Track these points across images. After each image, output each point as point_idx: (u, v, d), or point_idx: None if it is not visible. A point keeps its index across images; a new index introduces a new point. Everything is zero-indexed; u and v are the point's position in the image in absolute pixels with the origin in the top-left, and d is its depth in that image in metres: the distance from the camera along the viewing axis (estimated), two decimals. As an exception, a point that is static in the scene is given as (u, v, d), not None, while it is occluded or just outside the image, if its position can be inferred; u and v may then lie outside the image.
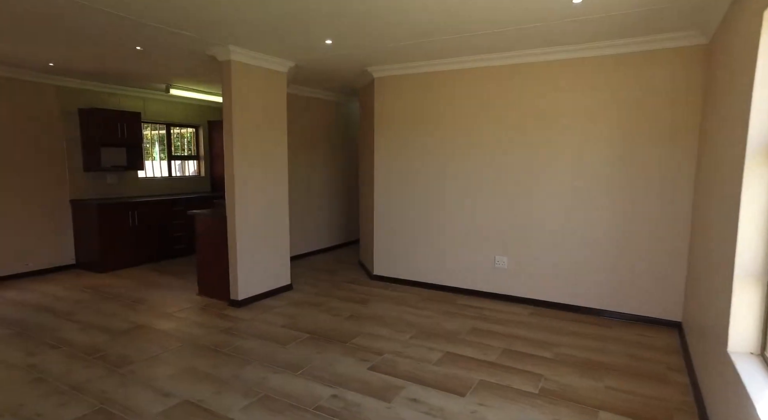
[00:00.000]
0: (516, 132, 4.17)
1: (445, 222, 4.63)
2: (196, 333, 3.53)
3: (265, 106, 4.29)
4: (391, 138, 4.89)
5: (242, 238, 4.15)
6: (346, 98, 6.84)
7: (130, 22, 3.16)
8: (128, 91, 6.04)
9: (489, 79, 4.24)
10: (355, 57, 4.24)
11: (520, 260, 4.28)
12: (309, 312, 4.06)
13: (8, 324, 3.74)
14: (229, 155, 4.03)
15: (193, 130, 7.24)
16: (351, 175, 7.16)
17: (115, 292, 4.65)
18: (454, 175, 4.53)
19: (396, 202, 4.93)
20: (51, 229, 5.43)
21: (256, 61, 4.10)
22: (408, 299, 4.44)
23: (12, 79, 5.00)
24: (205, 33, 3.44)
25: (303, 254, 6.26)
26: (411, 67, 4.58)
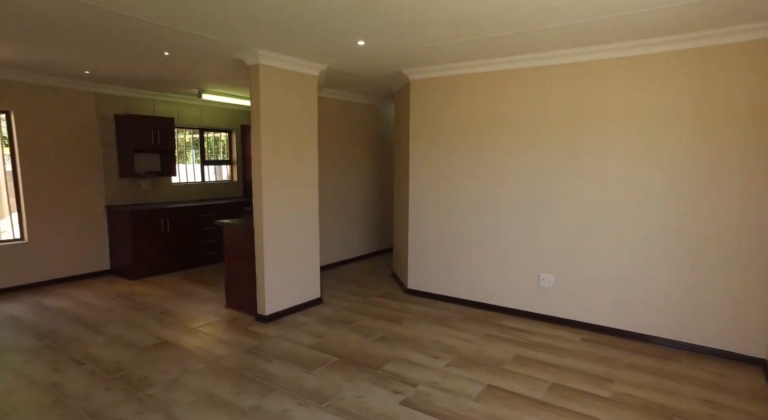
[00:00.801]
0: (564, 136, 3.77)
1: (486, 234, 4.28)
2: (220, 352, 3.36)
3: (296, 111, 4.09)
4: (427, 143, 4.58)
5: (270, 250, 3.96)
6: (381, 101, 6.59)
7: (156, 26, 3.02)
8: (163, 97, 6.02)
9: (534, 80, 3.87)
10: (389, 58, 3.97)
11: (568, 279, 3.88)
12: (338, 331, 3.82)
13: (42, 334, 3.71)
14: (257, 163, 3.85)
15: (226, 135, 7.18)
16: (384, 181, 6.90)
17: (144, 301, 4.58)
18: (496, 183, 4.17)
19: (432, 210, 4.62)
20: (88, 235, 5.46)
21: (285, 64, 3.90)
22: (445, 318, 4.13)
23: (54, 88, 5.05)
24: (232, 36, 3.26)
25: (334, 264, 6.05)
26: (449, 69, 4.26)
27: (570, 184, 3.79)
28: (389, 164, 6.93)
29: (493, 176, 4.19)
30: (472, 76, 4.20)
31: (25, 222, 4.98)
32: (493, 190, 4.20)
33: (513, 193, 4.09)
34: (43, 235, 5.10)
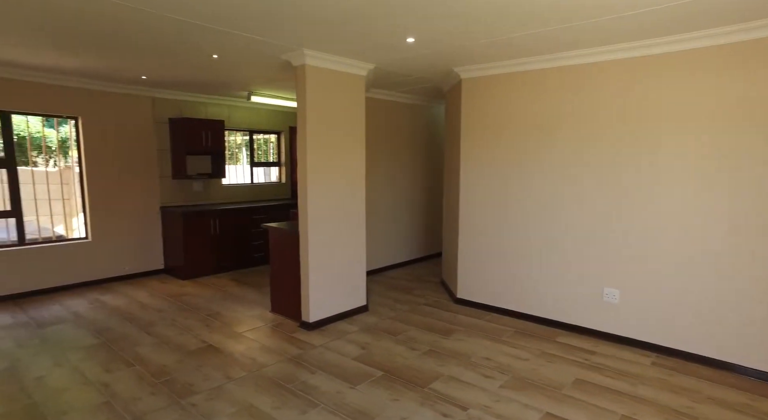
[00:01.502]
0: (636, 136, 3.39)
1: (543, 242, 3.97)
2: (263, 360, 3.29)
3: (342, 112, 3.97)
4: (479, 145, 4.32)
5: (315, 255, 3.86)
6: (431, 101, 6.37)
7: (204, 29, 2.98)
8: (214, 100, 6.13)
9: (601, 77, 3.51)
10: (439, 56, 3.76)
11: (637, 294, 3.49)
12: (384, 342, 3.66)
13: (99, 332, 3.82)
14: (303, 166, 3.76)
15: (275, 136, 7.24)
16: (433, 184, 6.67)
17: (193, 303, 4.64)
18: (555, 188, 3.85)
19: (484, 215, 4.35)
20: (144, 235, 5.64)
21: (332, 64, 3.79)
22: (498, 332, 3.86)
23: (115, 93, 5.25)
24: (278, 37, 3.17)
25: (380, 269, 5.90)
26: (505, 66, 3.97)
27: (641, 187, 3.41)
28: (438, 166, 6.69)
29: (552, 181, 3.87)
30: (530, 74, 3.90)
31: (89, 222, 5.21)
32: (552, 196, 3.88)
33: (574, 198, 3.75)
34: (105, 235, 5.32)
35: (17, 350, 3.48)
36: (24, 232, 4.86)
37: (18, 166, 4.79)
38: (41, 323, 4.06)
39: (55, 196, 5.15)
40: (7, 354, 3.41)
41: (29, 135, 4.93)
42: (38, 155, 5.08)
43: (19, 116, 4.75)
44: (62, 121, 5.12)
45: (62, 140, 5.21)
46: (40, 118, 4.98)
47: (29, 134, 4.93)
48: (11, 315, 4.27)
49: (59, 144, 5.21)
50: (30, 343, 3.61)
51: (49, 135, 5.15)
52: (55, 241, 5.06)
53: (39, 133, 5.06)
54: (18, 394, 2.82)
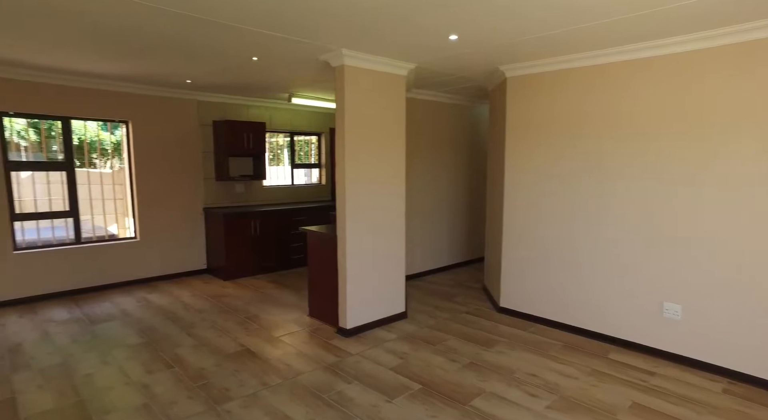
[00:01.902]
0: (696, 133, 3.07)
1: (595, 249, 3.69)
2: (299, 367, 3.24)
3: (382, 113, 3.87)
4: (525, 146, 4.09)
5: (353, 261, 3.78)
6: (473, 101, 6.15)
7: (243, 31, 2.96)
8: (256, 102, 6.20)
9: (662, 71, 3.21)
10: (484, 54, 3.57)
11: (703, 310, 3.16)
12: (423, 352, 3.52)
13: (143, 331, 3.91)
14: (341, 168, 3.69)
15: (316, 138, 7.25)
16: (477, 187, 6.45)
17: (233, 304, 4.68)
18: (607, 191, 3.57)
19: (530, 220, 4.12)
20: (188, 235, 5.79)
21: (371, 64, 3.69)
22: (544, 345, 3.63)
23: (162, 97, 5.41)
24: (317, 37, 3.11)
25: (419, 273, 5.75)
26: (554, 63, 3.73)
27: (707, 190, 3.08)
28: (481, 168, 6.46)
29: (605, 184, 3.59)
30: (583, 71, 3.64)
31: (138, 222, 5.40)
32: (605, 200, 3.60)
33: (631, 203, 3.46)
34: (152, 235, 5.49)
35: (71, 346, 3.61)
36: (80, 231, 5.10)
37: (76, 168, 5.03)
38: (93, 319, 4.22)
39: (109, 196, 5.37)
40: (63, 349, 3.55)
41: (86, 139, 5.16)
42: (96, 158, 5.32)
43: (78, 121, 4.98)
44: (115, 125, 5.32)
45: (116, 143, 5.43)
46: (98, 123, 5.20)
47: (86, 138, 5.16)
48: (68, 310, 4.48)
49: (113, 147, 5.42)
50: (82, 339, 3.75)
51: (105, 138, 5.38)
52: (108, 240, 5.28)
53: (97, 137, 5.29)
54: (68, 390, 2.91)
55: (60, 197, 4.97)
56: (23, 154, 4.80)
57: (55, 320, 4.20)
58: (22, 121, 4.75)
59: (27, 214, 4.77)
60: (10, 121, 4.65)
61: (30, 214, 4.80)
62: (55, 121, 4.87)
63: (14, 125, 4.73)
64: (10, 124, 4.65)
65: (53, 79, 4.61)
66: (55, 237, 4.99)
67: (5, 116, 4.54)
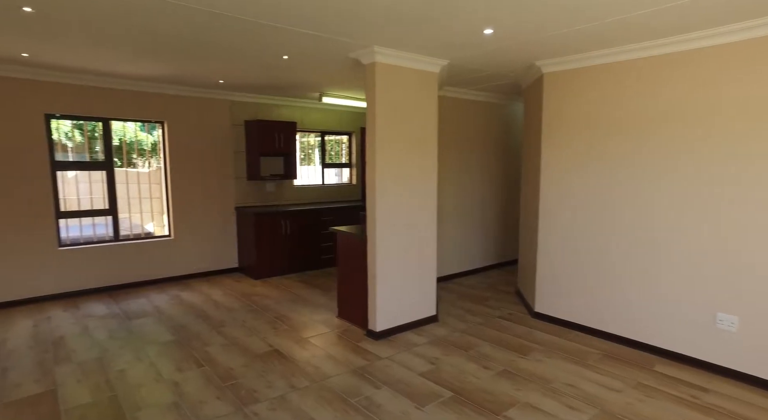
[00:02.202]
0: (758, 132, 2.82)
1: (638, 254, 3.47)
2: (328, 370, 3.19)
3: (414, 112, 3.77)
4: (563, 146, 3.91)
5: (383, 262, 3.71)
6: (507, 99, 5.96)
7: (274, 29, 2.94)
8: (287, 102, 6.23)
9: (712, 64, 2.97)
10: (519, 49, 3.42)
11: (762, 322, 2.91)
12: (454, 357, 3.41)
13: (175, 329, 3.97)
14: (371, 168, 3.62)
15: (346, 138, 7.22)
16: (510, 187, 6.25)
17: (263, 304, 4.70)
18: (655, 193, 3.34)
19: (568, 223, 3.93)
20: (220, 234, 5.87)
21: (403, 61, 3.60)
22: (582, 354, 3.44)
23: (196, 98, 5.50)
24: (348, 34, 3.05)
25: (450, 276, 5.62)
26: (594, 57, 3.53)
27: (761, 190, 2.83)
28: (515, 168, 6.26)
29: (652, 186, 3.37)
30: (626, 64, 3.43)
31: (172, 221, 5.51)
32: (650, 200, 3.37)
33: (678, 205, 3.23)
34: (186, 233, 5.60)
35: (108, 341, 3.70)
36: (119, 228, 5.25)
37: (116, 167, 5.18)
38: (129, 315, 4.32)
39: (146, 195, 5.51)
40: (100, 343, 3.64)
41: (125, 139, 5.31)
42: (135, 158, 5.47)
43: (117, 122, 5.13)
44: (153, 126, 5.45)
45: (153, 144, 5.56)
46: (137, 124, 5.34)
47: (125, 139, 5.31)
48: (106, 306, 4.61)
49: (151, 147, 5.56)
50: (118, 335, 3.84)
51: (143, 139, 5.53)
52: (144, 238, 5.41)
53: (135, 138, 5.44)
54: (103, 385, 2.96)
55: (101, 196, 5.13)
56: (69, 155, 4.98)
57: (95, 315, 4.33)
58: (68, 122, 4.94)
59: (71, 212, 4.95)
60: (57, 123, 4.83)
61: (73, 212, 4.98)
62: (97, 123, 5.03)
63: (61, 127, 4.92)
64: (57, 126, 4.84)
65: (94, 81, 4.76)
66: (95, 234, 5.16)
67: (52, 118, 4.73)
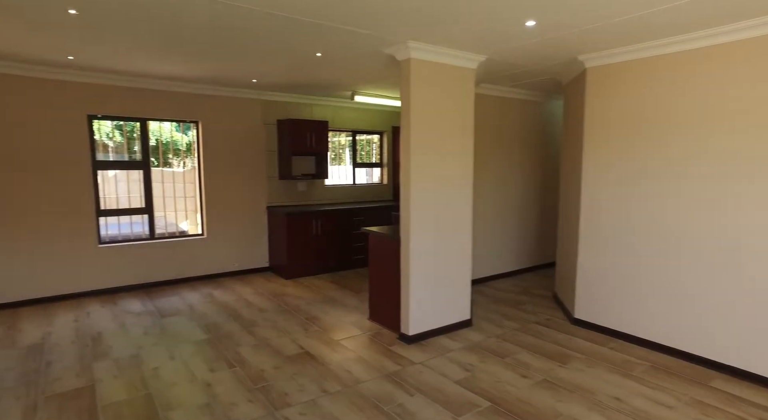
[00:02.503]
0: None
1: (689, 259, 3.24)
2: (359, 375, 3.11)
3: (450, 109, 3.65)
4: (607, 144, 3.70)
5: (417, 264, 3.60)
6: (544, 97, 5.74)
7: (309, 25, 2.88)
8: (319, 101, 6.20)
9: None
10: (562, 42, 3.25)
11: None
12: (491, 365, 3.27)
13: (207, 327, 3.99)
14: (406, 167, 3.52)
15: (377, 137, 7.15)
16: (546, 188, 6.03)
17: (294, 304, 4.67)
18: (713, 195, 3.10)
19: (611, 224, 3.72)
20: (252, 233, 5.90)
21: (439, 57, 3.49)
22: (628, 365, 3.24)
23: (229, 98, 5.55)
24: (383, 29, 2.96)
25: (484, 278, 5.45)
26: (642, 49, 3.32)
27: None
28: (552, 168, 6.03)
29: (716, 185, 3.12)
30: (678, 56, 3.20)
31: (206, 219, 5.57)
32: (706, 205, 3.13)
33: (746, 207, 2.98)
34: (218, 232, 5.65)
35: (142, 338, 3.75)
36: (154, 227, 5.34)
37: (152, 167, 5.28)
38: (163, 313, 4.37)
39: (180, 194, 5.59)
40: (136, 340, 3.69)
41: (161, 139, 5.41)
42: (171, 157, 5.57)
43: (154, 123, 5.23)
44: (188, 126, 5.53)
45: (188, 144, 5.65)
46: (172, 124, 5.44)
47: (161, 139, 5.41)
48: (142, 303, 4.69)
49: (186, 147, 5.65)
50: (153, 332, 3.88)
51: (178, 139, 5.62)
52: (178, 237, 5.49)
53: (171, 138, 5.54)
54: (138, 383, 2.98)
55: (138, 195, 5.24)
56: (109, 155, 5.11)
57: (131, 312, 4.41)
58: (109, 123, 5.07)
59: (110, 210, 5.08)
60: (98, 124, 4.96)
61: (112, 210, 5.10)
62: (135, 123, 5.13)
63: (102, 128, 5.05)
64: (98, 127, 4.97)
65: (133, 83, 4.86)
66: (132, 232, 5.27)
67: (95, 119, 4.85)
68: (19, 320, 4.18)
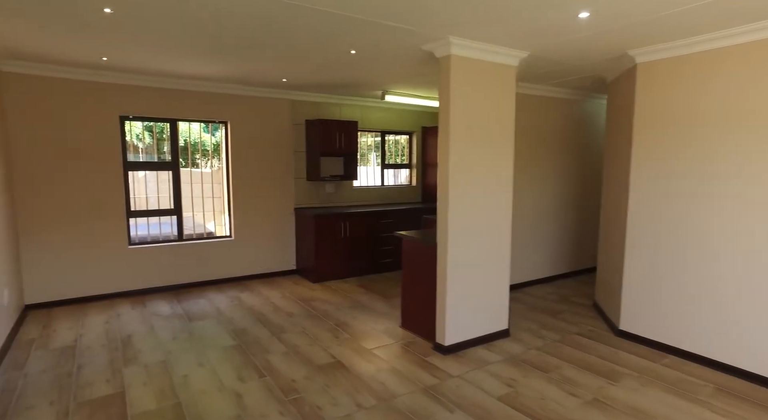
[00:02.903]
0: None
1: (754, 270, 2.96)
2: (395, 388, 2.95)
3: (490, 109, 3.46)
4: (659, 144, 3.44)
5: (454, 271, 3.42)
6: (583, 95, 5.48)
7: (346, 20, 2.74)
8: (348, 101, 6.08)
9: None
10: (614, 35, 3.02)
11: None
12: (534, 380, 3.06)
13: (235, 333, 3.89)
14: (444, 170, 3.35)
15: (405, 138, 6.99)
16: (584, 189, 5.75)
17: (323, 309, 4.55)
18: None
19: (664, 229, 3.46)
20: (279, 235, 5.82)
21: (480, 53, 3.30)
22: (689, 386, 2.98)
23: (258, 98, 5.48)
24: (424, 23, 2.80)
25: (518, 285, 5.22)
26: (701, 42, 3.05)
27: None
28: (591, 169, 5.75)
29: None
30: (743, 48, 2.93)
31: (233, 221, 5.52)
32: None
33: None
34: (245, 234, 5.58)
35: (171, 343, 3.68)
36: (182, 228, 5.31)
37: (181, 167, 5.25)
38: (191, 316, 4.31)
39: (208, 195, 5.55)
40: (164, 345, 3.63)
41: (189, 140, 5.38)
42: (198, 158, 5.54)
43: (183, 123, 5.20)
44: (216, 126, 5.49)
45: (215, 145, 5.61)
46: (200, 124, 5.40)
47: (189, 140, 5.38)
48: (170, 305, 4.65)
49: (213, 147, 5.61)
50: (181, 336, 3.82)
51: (206, 140, 5.59)
52: (206, 238, 5.45)
53: (199, 139, 5.51)
54: (168, 391, 2.90)
55: (166, 195, 5.22)
56: (140, 156, 5.11)
57: (160, 315, 4.37)
58: (139, 124, 5.06)
59: (139, 211, 5.07)
60: (130, 125, 4.96)
61: (142, 211, 5.09)
62: (165, 123, 5.11)
63: (133, 129, 5.05)
64: (129, 128, 4.97)
65: (164, 83, 4.83)
66: (161, 233, 5.25)
67: (126, 120, 4.85)
68: (54, 320, 4.18)
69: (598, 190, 5.75)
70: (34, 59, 3.96)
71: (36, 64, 4.12)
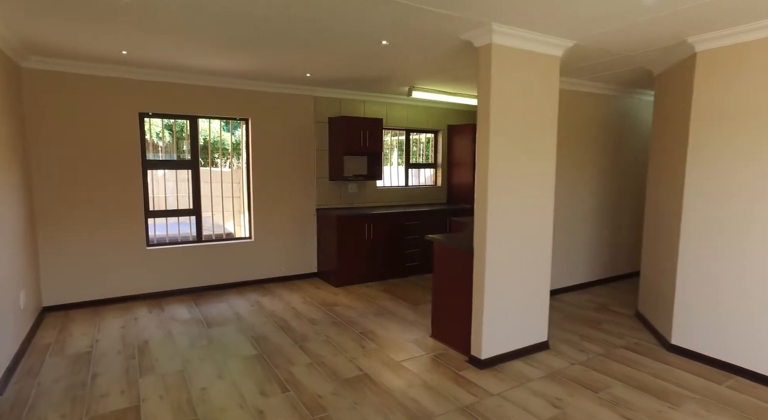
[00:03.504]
0: None
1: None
2: (430, 406, 2.70)
3: (532, 104, 3.19)
4: (721, 142, 3.11)
5: (493, 279, 3.16)
6: (624, 90, 5.14)
7: (384, 4, 2.50)
8: (373, 97, 5.86)
9: None
10: (678, 19, 2.71)
11: None
12: (582, 400, 2.78)
13: (256, 341, 3.69)
14: (482, 169, 3.08)
15: (429, 136, 6.72)
16: (623, 189, 5.41)
17: (346, 315, 4.33)
18: None
19: (726, 238, 3.13)
20: (300, 237, 5.62)
21: (522, 42, 3.03)
22: (763, 414, 2.66)
23: (280, 94, 5.29)
24: (466, 8, 2.54)
25: (553, 291, 4.90)
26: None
27: None
28: (629, 168, 5.41)
29: None
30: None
31: (253, 222, 5.33)
32: None
33: None
34: (266, 235, 5.40)
35: (189, 351, 3.50)
36: (201, 229, 5.15)
37: (200, 166, 5.09)
38: (210, 322, 4.13)
39: (227, 194, 5.39)
40: (182, 353, 3.45)
41: (209, 139, 5.22)
42: (217, 157, 5.38)
43: (203, 121, 5.04)
44: (236, 125, 5.32)
45: (235, 143, 5.44)
46: (219, 122, 5.24)
47: (209, 138, 5.22)
48: (188, 309, 4.48)
49: (233, 146, 5.44)
50: (200, 344, 3.63)
51: (225, 138, 5.43)
52: (225, 240, 5.28)
53: (219, 137, 5.35)
54: (185, 405, 2.70)
55: (185, 195, 5.07)
56: (159, 154, 4.96)
57: (178, 319, 4.20)
58: (159, 122, 4.92)
59: (158, 211, 4.92)
60: (149, 123, 4.82)
61: (160, 211, 4.94)
62: (185, 121, 4.96)
63: (153, 127, 4.91)
64: (149, 126, 4.83)
65: (184, 79, 4.67)
66: (179, 234, 5.10)
67: (145, 117, 4.71)
68: (70, 323, 4.05)
69: (635, 190, 5.40)
70: (52, 55, 3.83)
71: (55, 59, 4.00)
